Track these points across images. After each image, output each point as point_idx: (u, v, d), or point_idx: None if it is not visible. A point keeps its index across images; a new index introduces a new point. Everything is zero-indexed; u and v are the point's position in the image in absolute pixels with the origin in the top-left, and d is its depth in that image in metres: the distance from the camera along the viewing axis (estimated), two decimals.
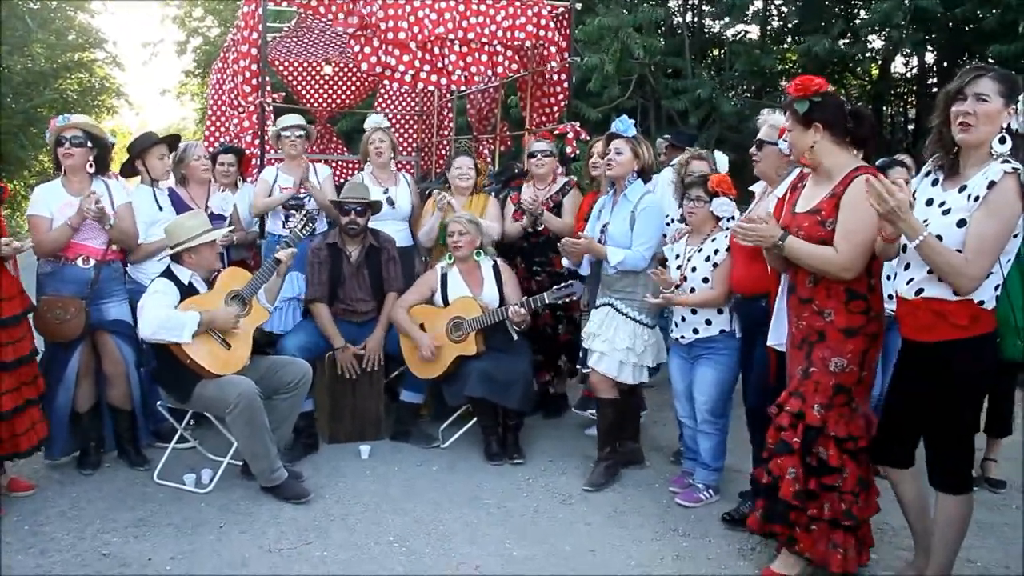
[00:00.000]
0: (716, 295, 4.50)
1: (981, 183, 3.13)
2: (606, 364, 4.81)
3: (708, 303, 4.53)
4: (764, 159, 4.31)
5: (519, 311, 5.12)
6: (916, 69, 14.77)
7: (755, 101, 12.44)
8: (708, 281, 4.54)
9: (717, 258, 4.53)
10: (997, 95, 3.16)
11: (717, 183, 4.52)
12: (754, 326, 4.32)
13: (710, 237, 4.62)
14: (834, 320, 3.56)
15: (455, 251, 5.47)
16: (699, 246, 4.63)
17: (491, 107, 9.06)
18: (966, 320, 3.21)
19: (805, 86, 3.60)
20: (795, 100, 3.62)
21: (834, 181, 3.59)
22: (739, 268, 4.37)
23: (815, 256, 3.51)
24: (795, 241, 3.55)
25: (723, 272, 4.49)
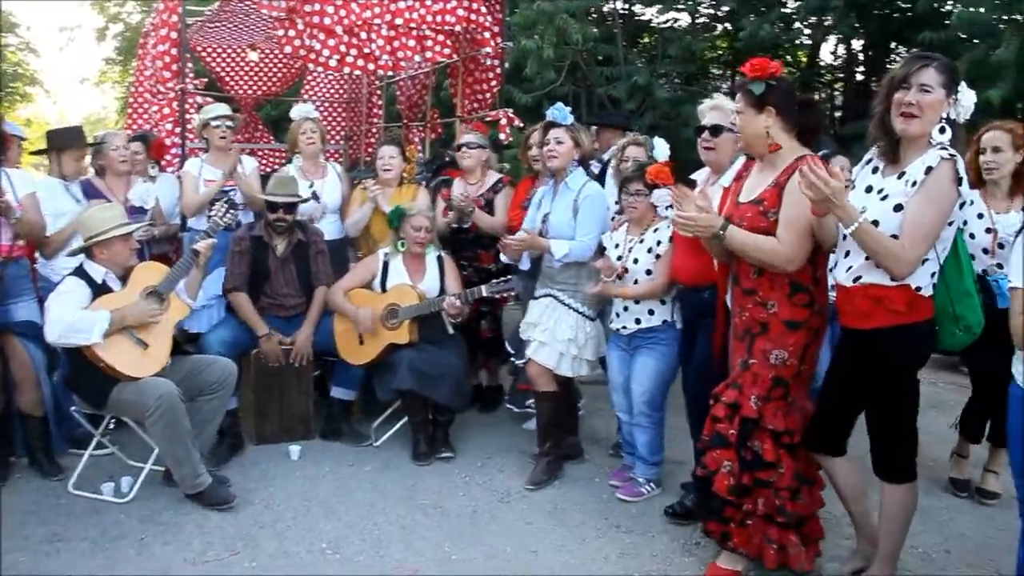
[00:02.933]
0: (659, 286, 4.39)
1: (919, 169, 3.10)
2: (545, 354, 4.67)
3: (651, 294, 4.41)
4: (720, 146, 4.18)
5: (454, 303, 4.95)
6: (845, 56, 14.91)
7: (687, 88, 12.43)
8: (651, 273, 4.42)
9: (660, 249, 4.41)
10: (940, 86, 3.13)
11: (655, 174, 4.38)
12: (697, 317, 4.22)
13: (652, 228, 4.50)
14: (777, 312, 3.48)
15: (417, 247, 5.28)
16: (640, 237, 4.50)
17: (421, 94, 8.89)
18: (903, 306, 3.17)
19: (762, 67, 3.50)
20: (750, 81, 3.51)
21: (778, 170, 3.51)
22: (681, 258, 4.25)
23: (756, 246, 3.43)
24: (736, 231, 3.46)
25: (665, 262, 4.37)
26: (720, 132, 4.17)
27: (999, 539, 4.26)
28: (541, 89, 11.14)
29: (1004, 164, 4.32)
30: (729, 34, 13.88)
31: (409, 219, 5.26)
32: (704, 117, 4.26)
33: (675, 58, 12.13)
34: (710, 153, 4.23)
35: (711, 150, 4.22)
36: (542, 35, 10.54)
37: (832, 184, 3.00)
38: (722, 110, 4.19)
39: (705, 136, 4.22)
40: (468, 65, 7.56)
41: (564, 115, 4.74)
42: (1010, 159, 4.32)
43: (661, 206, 4.42)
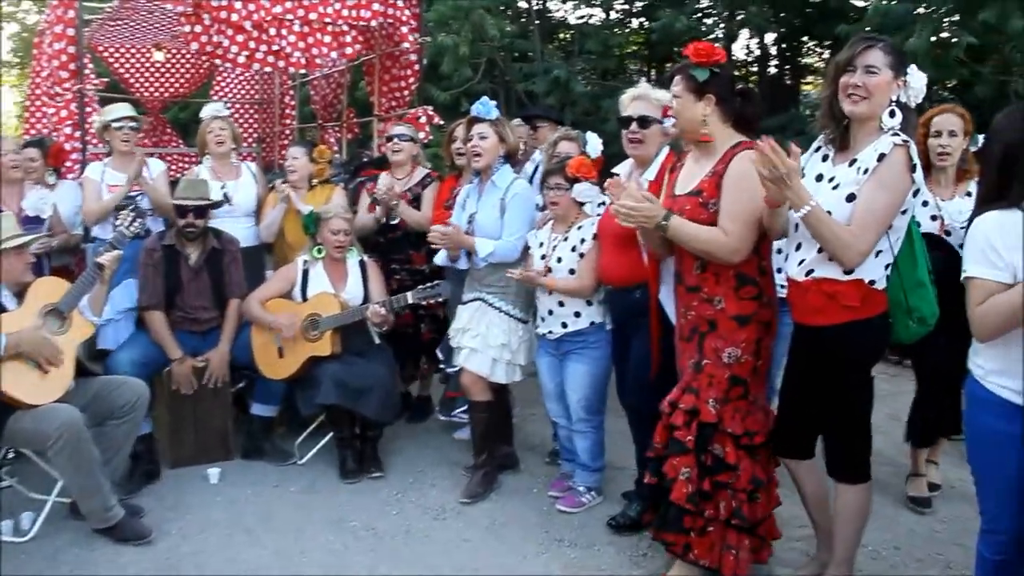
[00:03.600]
0: (584, 285, 4.20)
1: (871, 156, 2.98)
2: (477, 361, 4.46)
3: (576, 293, 4.23)
4: (648, 138, 3.99)
5: (378, 311, 4.69)
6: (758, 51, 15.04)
7: (605, 83, 12.35)
8: (574, 272, 4.23)
9: (584, 247, 4.22)
10: (886, 67, 3.01)
11: (576, 167, 4.19)
12: (629, 318, 4.05)
13: (575, 225, 4.31)
14: (725, 308, 3.34)
15: (336, 251, 5.00)
16: (564, 235, 4.31)
17: (336, 93, 8.62)
18: (857, 301, 3.05)
19: (707, 52, 3.35)
20: (693, 66, 3.36)
21: (715, 159, 3.37)
22: (607, 257, 4.08)
23: (701, 238, 3.28)
24: (680, 221, 3.30)
25: (590, 262, 4.19)
26: (649, 124, 3.99)
27: (944, 532, 4.23)
28: (458, 87, 10.96)
29: (957, 149, 4.20)
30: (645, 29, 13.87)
31: (326, 222, 4.99)
32: (626, 107, 4.06)
33: (592, 53, 12.04)
34: (637, 147, 4.02)
35: (639, 143, 4.02)
36: (458, 31, 10.35)
37: (788, 163, 2.86)
38: (647, 100, 4.01)
39: (633, 128, 4.00)
40: (385, 62, 7.32)
41: (488, 110, 4.53)
42: (961, 144, 4.20)
43: (586, 201, 4.25)
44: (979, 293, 2.58)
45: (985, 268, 2.56)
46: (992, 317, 2.55)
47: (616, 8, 13.69)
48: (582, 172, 4.18)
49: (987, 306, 2.55)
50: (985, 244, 2.56)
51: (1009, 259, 2.51)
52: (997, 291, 2.53)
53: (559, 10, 14.25)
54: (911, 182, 2.97)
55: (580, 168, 4.18)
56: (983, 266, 2.57)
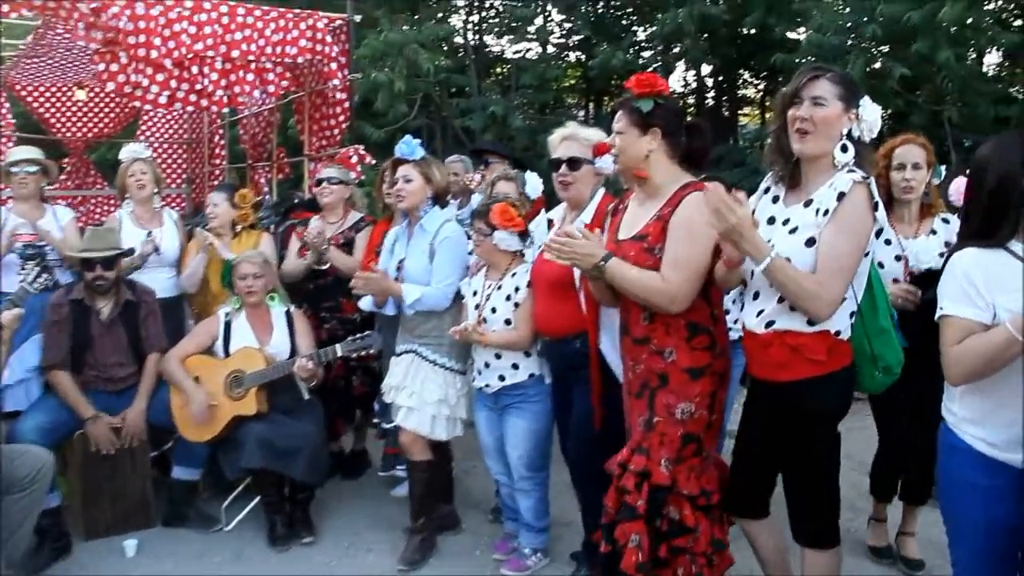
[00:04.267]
0: (520, 337, 3.95)
1: (829, 196, 2.76)
2: (416, 420, 4.18)
3: (512, 345, 3.97)
4: (579, 180, 3.77)
5: (306, 365, 4.39)
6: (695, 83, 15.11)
7: (542, 118, 12.24)
8: (510, 323, 3.98)
9: (519, 296, 3.97)
10: (835, 98, 2.81)
11: (497, 215, 3.95)
12: (569, 370, 3.81)
13: (510, 272, 4.06)
14: (676, 360, 3.11)
15: (248, 297, 4.69)
16: (498, 283, 4.06)
17: (266, 132, 8.32)
18: (823, 354, 2.82)
19: (650, 83, 3.14)
20: (637, 98, 3.14)
21: (660, 201, 3.16)
22: (543, 306, 3.84)
23: (638, 282, 3.06)
24: (618, 264, 3.08)
25: (526, 311, 3.94)
26: (579, 165, 3.76)
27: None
28: (394, 123, 10.79)
29: (921, 183, 3.90)
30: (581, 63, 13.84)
31: (235, 268, 4.70)
32: (555, 149, 3.84)
33: (530, 87, 11.93)
34: (568, 188, 3.80)
35: (569, 185, 3.79)
36: (392, 67, 10.19)
37: (739, 212, 2.65)
38: (576, 140, 3.80)
39: (563, 170, 3.77)
40: (314, 100, 7.08)
41: (412, 149, 4.30)
42: (925, 177, 3.92)
43: (508, 250, 4.02)
44: (956, 332, 2.39)
45: (965, 307, 2.38)
46: (969, 359, 2.36)
47: (552, 42, 13.64)
48: (500, 221, 3.94)
49: (964, 347, 2.36)
50: (965, 281, 2.38)
51: (990, 299, 2.34)
52: (975, 332, 2.35)
53: (495, 45, 14.17)
54: (873, 221, 2.76)
55: (501, 217, 3.94)
56: (962, 304, 2.38)
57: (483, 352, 4.03)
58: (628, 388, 3.30)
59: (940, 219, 3.96)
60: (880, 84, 8.18)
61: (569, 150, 3.78)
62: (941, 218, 3.96)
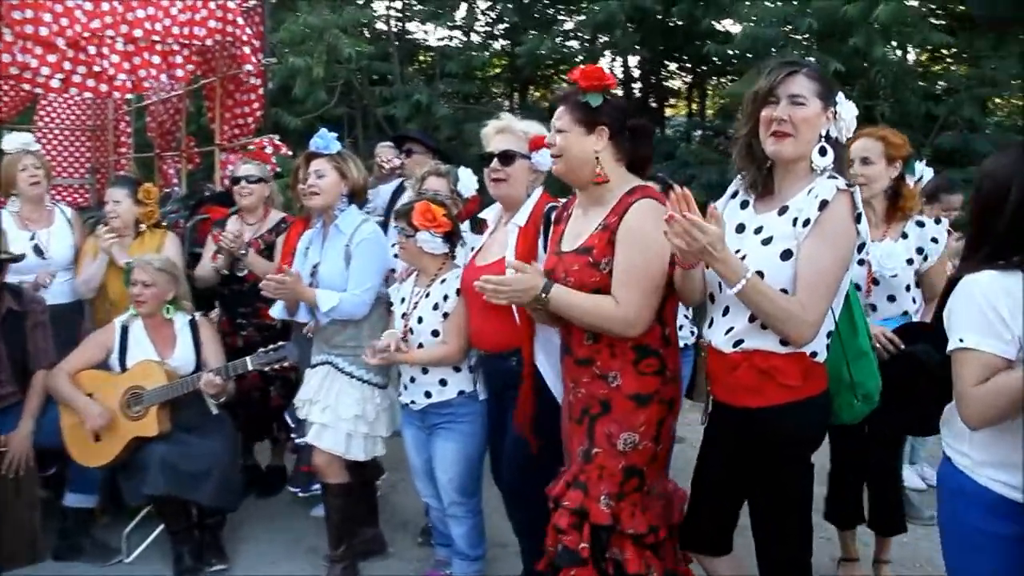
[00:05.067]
0: (449, 352, 3.58)
1: (809, 204, 2.47)
2: (330, 439, 3.80)
3: (441, 360, 3.60)
4: (512, 177, 3.42)
5: (213, 380, 3.96)
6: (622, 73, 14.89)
7: (468, 107, 11.87)
8: (439, 335, 3.61)
9: (447, 306, 3.60)
10: (814, 96, 2.53)
11: (418, 214, 3.58)
12: (504, 388, 3.46)
13: (439, 278, 3.69)
14: (621, 385, 2.80)
15: (138, 307, 4.22)
16: (426, 289, 3.69)
17: (175, 119, 7.78)
18: (798, 378, 2.53)
19: (598, 76, 2.81)
20: (584, 93, 2.81)
21: (606, 209, 2.84)
22: (476, 320, 3.48)
23: (589, 311, 2.75)
24: (561, 292, 2.77)
25: (457, 323, 3.57)
26: (512, 160, 3.42)
27: None
28: (313, 111, 10.31)
29: (876, 179, 3.55)
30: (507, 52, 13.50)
31: (129, 275, 4.25)
32: (489, 142, 3.50)
33: (455, 76, 11.54)
34: (500, 185, 3.46)
35: (502, 182, 3.45)
36: (311, 52, 9.71)
37: (710, 231, 2.34)
38: (511, 132, 3.47)
39: (494, 165, 3.43)
40: (227, 86, 6.61)
41: (327, 142, 3.93)
42: (882, 173, 3.58)
43: (433, 252, 3.65)
44: (978, 370, 2.10)
45: (989, 339, 2.09)
46: (997, 401, 2.06)
47: (477, 30, 13.26)
48: (424, 222, 3.57)
49: (990, 388, 2.07)
50: (988, 309, 2.09)
51: (1018, 331, 2.05)
52: (1001, 368, 2.07)
53: (419, 31, 13.72)
54: (856, 234, 2.48)
55: (423, 217, 3.57)
56: (986, 336, 2.10)
57: (408, 365, 3.66)
58: (568, 412, 2.98)
59: (914, 222, 3.64)
60: None
61: (503, 143, 3.43)
62: (915, 220, 3.64)
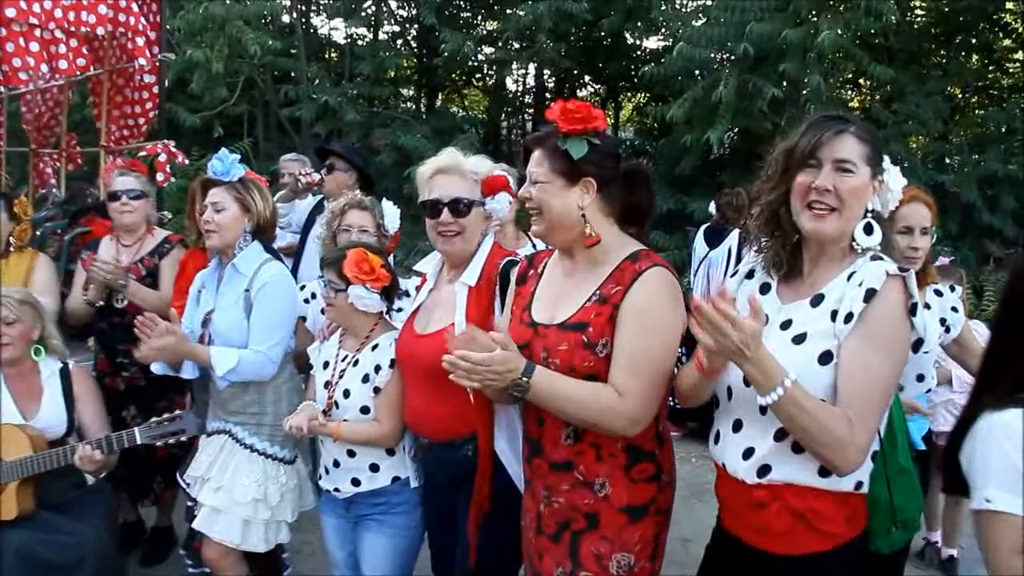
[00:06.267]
0: (382, 433, 2.95)
1: (852, 293, 1.97)
2: (224, 526, 3.14)
3: (372, 442, 2.97)
4: (468, 230, 2.79)
5: (91, 455, 3.24)
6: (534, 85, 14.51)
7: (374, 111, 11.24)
8: (368, 411, 2.97)
9: (380, 378, 2.96)
10: (863, 162, 2.02)
11: (352, 265, 2.93)
12: (455, 480, 2.83)
13: (369, 342, 3.04)
14: (611, 496, 2.27)
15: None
16: (354, 355, 3.05)
17: (54, 113, 6.98)
18: (841, 523, 2.02)
19: (583, 116, 2.26)
20: (565, 138, 2.27)
21: (599, 275, 2.30)
22: (415, 396, 2.84)
23: (585, 403, 2.20)
24: (548, 378, 2.21)
25: (392, 399, 2.93)
26: (467, 210, 2.79)
27: None
28: (211, 108, 9.56)
29: (925, 251, 3.14)
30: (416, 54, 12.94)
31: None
32: (428, 186, 2.84)
33: (365, 77, 10.90)
34: (453, 241, 2.81)
35: (455, 236, 2.80)
36: (211, 44, 8.97)
37: (746, 327, 1.84)
38: (459, 173, 2.83)
39: (444, 218, 2.78)
40: (116, 80, 5.99)
41: (227, 168, 3.22)
42: (928, 243, 3.16)
43: (367, 310, 3.01)
44: (1014, 536, 1.68)
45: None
46: None
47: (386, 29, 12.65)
48: (359, 274, 2.92)
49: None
50: (1021, 461, 1.67)
51: None
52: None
53: (324, 27, 13.03)
54: (911, 329, 1.99)
55: (358, 268, 2.93)
56: (1019, 495, 1.67)
57: (332, 446, 3.02)
58: (539, 524, 2.41)
59: (932, 291, 3.28)
60: (750, 104, 7.71)
61: (451, 188, 2.80)
62: (933, 290, 3.28)
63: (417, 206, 2.92)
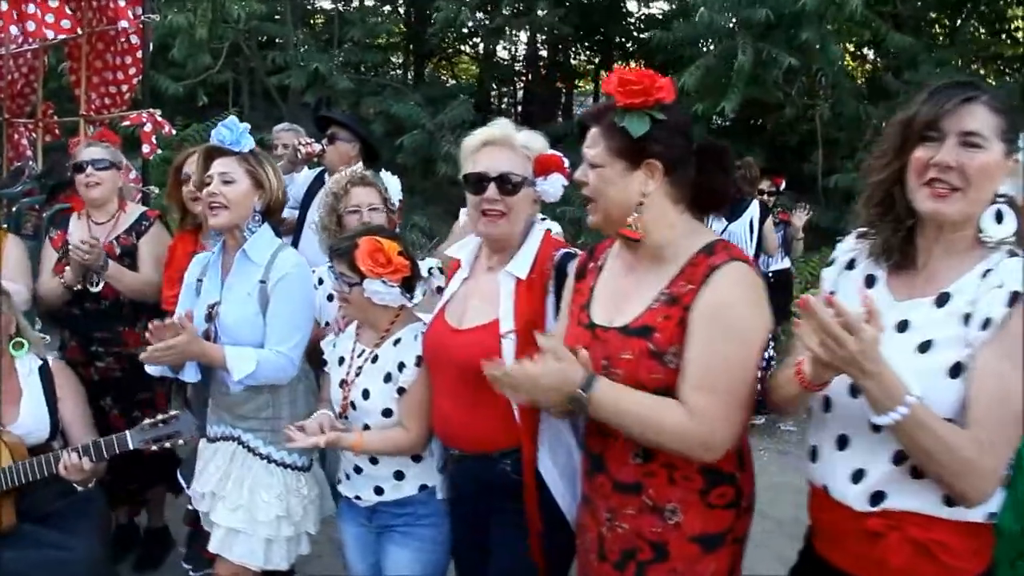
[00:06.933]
0: (409, 440, 2.61)
1: (988, 295, 1.68)
2: (245, 548, 2.79)
3: (397, 450, 2.64)
4: (514, 211, 2.43)
5: (78, 464, 2.90)
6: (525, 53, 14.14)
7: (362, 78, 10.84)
8: (391, 414, 2.62)
9: (405, 377, 2.60)
10: (996, 137, 1.70)
11: (366, 256, 2.54)
12: (488, 497, 2.51)
13: (391, 336, 2.69)
14: (683, 523, 1.97)
15: None
16: (372, 350, 2.70)
17: (28, 80, 6.57)
18: (968, 558, 1.73)
19: (645, 88, 1.91)
20: (623, 112, 1.94)
21: (667, 271, 1.98)
22: (445, 401, 2.49)
23: (651, 422, 1.90)
24: (613, 393, 1.91)
25: (418, 401, 2.59)
26: (516, 188, 2.43)
27: None
28: (194, 76, 9.17)
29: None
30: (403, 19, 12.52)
31: None
32: (473, 159, 2.49)
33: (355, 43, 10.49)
34: (498, 223, 2.44)
35: (499, 217, 2.44)
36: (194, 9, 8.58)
37: (865, 334, 1.54)
38: (509, 147, 2.47)
39: (491, 194, 2.41)
40: (96, 44, 5.55)
41: (238, 136, 2.81)
42: None
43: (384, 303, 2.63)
44: None
45: None
46: None
47: None
48: (374, 267, 2.54)
49: None
50: None
51: None
52: None
53: None
54: None
55: (373, 260, 2.54)
56: None
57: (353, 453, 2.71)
58: (597, 548, 2.11)
59: None
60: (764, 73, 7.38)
61: (499, 162, 2.44)
62: None
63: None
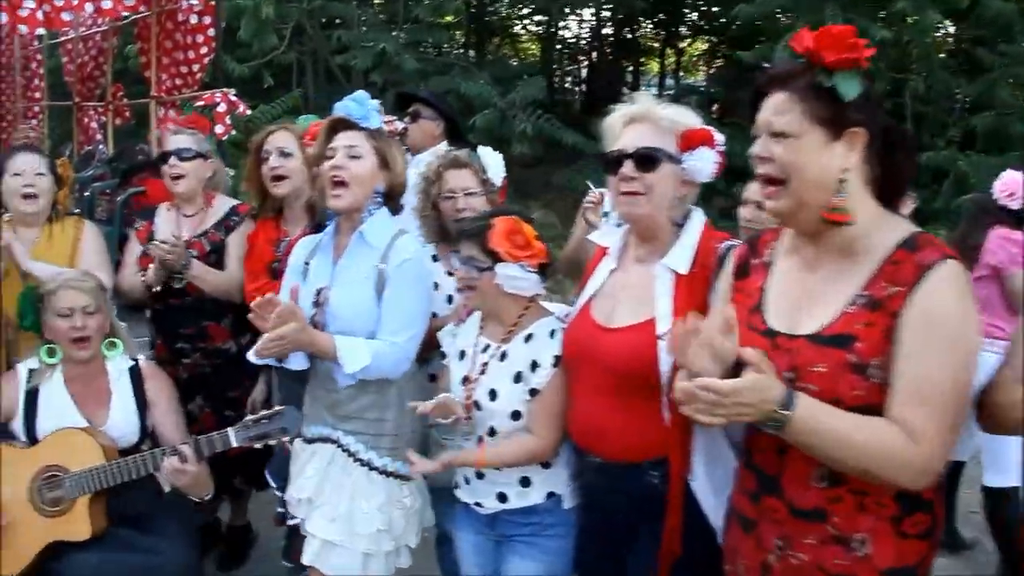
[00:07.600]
0: (544, 448, 2.39)
1: None
2: (340, 561, 2.57)
3: (527, 460, 2.41)
4: (654, 190, 2.20)
5: (180, 467, 2.69)
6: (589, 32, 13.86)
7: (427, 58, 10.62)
8: (520, 417, 2.40)
9: (538, 378, 2.37)
10: None
11: (502, 237, 2.33)
12: (636, 515, 2.26)
13: (521, 330, 2.46)
14: (872, 555, 1.71)
15: (76, 348, 2.92)
16: (500, 346, 2.48)
17: (98, 62, 6.58)
18: None
19: (855, 44, 1.67)
20: (829, 72, 1.69)
21: (862, 267, 1.72)
22: (586, 403, 2.28)
23: (863, 447, 1.65)
24: (813, 412, 1.65)
25: (553, 406, 2.36)
26: (656, 163, 2.19)
27: None
28: (260, 57, 9.05)
29: None
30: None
31: (49, 298, 2.92)
32: (615, 136, 2.26)
33: (420, 22, 10.26)
34: (637, 202, 2.21)
35: (638, 195, 2.21)
36: None
37: None
38: (653, 122, 2.23)
39: (627, 170, 2.19)
40: (165, 23, 5.48)
41: (366, 112, 2.59)
42: None
43: (519, 292, 2.42)
44: None
45: None
46: None
47: None
48: (511, 248, 2.33)
49: None
50: None
51: None
52: None
53: None
54: None
55: (510, 243, 2.34)
56: None
57: None
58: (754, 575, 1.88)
59: None
60: None
61: (639, 138, 2.21)
62: None
63: None
